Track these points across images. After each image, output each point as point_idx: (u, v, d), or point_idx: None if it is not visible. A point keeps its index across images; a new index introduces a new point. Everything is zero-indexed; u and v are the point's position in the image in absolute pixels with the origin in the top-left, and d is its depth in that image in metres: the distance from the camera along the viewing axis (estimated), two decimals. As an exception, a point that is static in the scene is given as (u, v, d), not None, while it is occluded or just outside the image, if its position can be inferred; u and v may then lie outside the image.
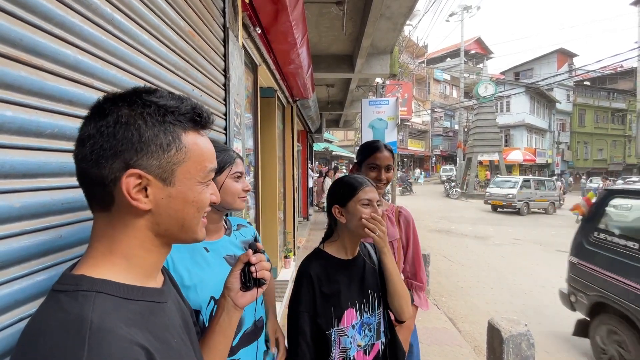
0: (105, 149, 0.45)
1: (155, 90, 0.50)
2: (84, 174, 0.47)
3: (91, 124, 0.46)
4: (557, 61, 28.03)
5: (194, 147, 0.51)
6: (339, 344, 1.07)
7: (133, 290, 0.48)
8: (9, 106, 0.58)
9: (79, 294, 0.44)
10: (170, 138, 0.48)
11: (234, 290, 0.69)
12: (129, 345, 0.42)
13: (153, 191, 0.48)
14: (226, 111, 1.81)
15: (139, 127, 0.46)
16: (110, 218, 0.48)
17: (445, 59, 33.28)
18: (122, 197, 0.47)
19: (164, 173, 0.48)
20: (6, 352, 0.58)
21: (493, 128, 18.97)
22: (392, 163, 1.48)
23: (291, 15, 2.40)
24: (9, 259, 0.58)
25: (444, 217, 11.56)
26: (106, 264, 0.48)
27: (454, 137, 30.21)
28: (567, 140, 29.81)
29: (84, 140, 0.46)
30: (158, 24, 1.10)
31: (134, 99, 0.47)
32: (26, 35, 0.61)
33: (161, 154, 0.47)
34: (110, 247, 0.49)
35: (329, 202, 1.18)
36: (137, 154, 0.46)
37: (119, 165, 0.46)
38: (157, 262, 0.54)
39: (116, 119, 0.46)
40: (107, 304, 0.44)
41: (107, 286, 0.46)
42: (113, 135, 0.45)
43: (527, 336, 2.21)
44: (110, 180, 0.46)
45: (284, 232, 5.01)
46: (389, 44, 5.49)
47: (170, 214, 0.50)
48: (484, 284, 5.06)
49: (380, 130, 7.37)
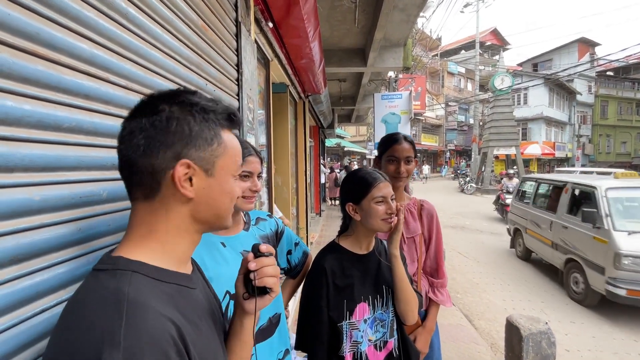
0: (159, 141, 0.50)
1: (195, 92, 0.55)
2: (131, 163, 0.51)
3: (142, 118, 0.50)
4: (578, 51, 26.91)
5: (230, 143, 0.56)
6: (350, 338, 1.08)
7: (165, 273, 0.52)
8: (27, 100, 0.59)
9: (117, 272, 0.48)
10: (213, 133, 0.53)
11: (238, 295, 0.68)
12: (162, 318, 0.45)
13: (197, 181, 0.52)
14: (239, 106, 1.81)
15: (189, 122, 0.51)
16: (152, 206, 0.52)
17: (460, 51, 32.51)
18: (168, 185, 0.51)
19: (207, 164, 0.53)
20: (33, 340, 0.59)
21: (510, 121, 18.43)
22: (413, 155, 1.42)
23: (303, 8, 2.37)
24: (30, 251, 0.59)
25: (458, 213, 11.36)
26: (143, 248, 0.52)
27: (468, 132, 29.57)
28: (588, 133, 28.72)
29: (134, 133, 0.50)
30: (171, 18, 1.10)
31: (181, 98, 0.52)
32: (43, 29, 0.61)
33: (206, 147, 0.53)
34: (149, 232, 0.52)
35: (342, 199, 1.16)
36: (187, 146, 0.51)
37: (170, 155, 0.50)
38: (189, 250, 0.57)
39: (169, 115, 0.51)
40: (141, 282, 0.48)
41: (142, 267, 0.50)
42: (167, 129, 0.50)
43: (548, 334, 2.15)
44: (162, 169, 0.50)
45: (297, 228, 5.02)
46: (402, 37, 5.38)
47: (209, 202, 0.55)
48: (500, 281, 4.95)
49: (393, 124, 7.28)
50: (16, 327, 0.56)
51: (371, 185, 1.08)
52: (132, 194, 0.53)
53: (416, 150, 1.47)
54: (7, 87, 0.55)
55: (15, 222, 0.56)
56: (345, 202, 1.13)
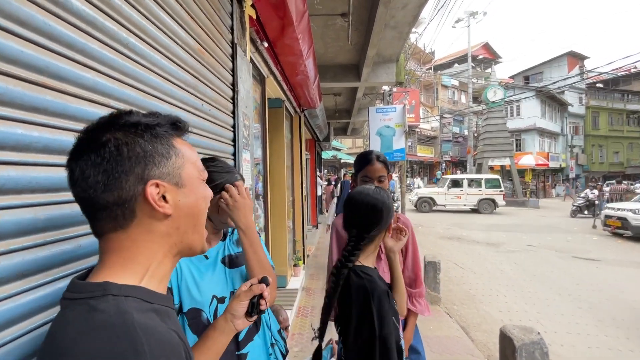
0: (117, 171, 0.48)
1: (130, 112, 0.53)
2: (94, 202, 0.49)
3: (90, 155, 0.48)
4: (568, 64, 27.58)
5: (186, 151, 0.56)
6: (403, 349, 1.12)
7: (155, 296, 0.51)
8: (35, 127, 0.64)
9: (109, 297, 0.45)
10: (167, 146, 0.53)
11: (239, 317, 0.73)
12: (172, 333, 0.47)
13: (171, 196, 0.52)
14: (234, 123, 1.87)
15: (140, 143, 0.50)
16: (127, 233, 0.51)
17: (453, 64, 33.20)
18: (143, 209, 0.50)
19: (174, 178, 0.53)
20: (31, 354, 0.62)
21: (503, 133, 18.73)
22: (386, 173, 1.51)
23: (297, 28, 2.47)
24: (34, 267, 0.63)
25: (455, 224, 11.40)
26: (126, 272, 0.50)
27: (463, 143, 29.90)
28: (581, 143, 29.13)
29: (86, 172, 0.48)
30: (169, 44, 1.17)
31: (120, 122, 0.51)
32: (52, 63, 0.67)
33: (166, 162, 0.52)
34: (131, 257, 0.51)
35: (387, 219, 1.15)
36: (146, 167, 0.50)
37: (133, 181, 0.49)
38: (169, 272, 0.57)
39: (116, 143, 0.49)
40: (139, 305, 0.47)
41: (134, 291, 0.48)
42: (120, 157, 0.48)
43: (541, 345, 2.16)
44: (131, 197, 0.49)
45: (294, 241, 5.03)
46: (395, 53, 5.54)
47: (188, 212, 0.55)
48: (497, 292, 4.96)
49: (388, 137, 7.38)
50: (21, 339, 0.59)
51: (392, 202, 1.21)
52: (100, 228, 0.51)
53: (388, 167, 1.57)
54: (19, 116, 0.60)
55: (22, 240, 0.61)
56: (389, 221, 1.16)
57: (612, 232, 9.14)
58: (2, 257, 0.57)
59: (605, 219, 9.30)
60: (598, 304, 4.50)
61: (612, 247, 7.94)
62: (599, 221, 9.99)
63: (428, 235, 9.29)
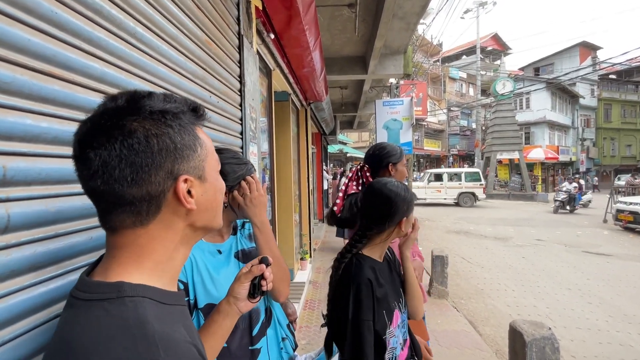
0: (147, 165, 0.45)
1: (150, 94, 0.48)
2: (119, 196, 0.45)
3: (114, 144, 0.43)
4: (580, 55, 26.90)
5: (207, 141, 0.53)
6: (389, 345, 1.09)
7: (169, 295, 0.49)
8: (44, 118, 0.63)
9: (126, 300, 0.43)
10: (193, 137, 0.49)
11: (242, 300, 0.72)
12: (189, 345, 0.44)
13: (195, 191, 0.50)
14: (242, 116, 1.85)
15: (170, 135, 0.46)
16: (146, 229, 0.47)
17: (461, 56, 32.64)
18: (169, 205, 0.48)
19: (199, 171, 0.50)
20: (44, 346, 0.62)
21: (512, 126, 18.43)
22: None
23: (304, 19, 2.43)
24: (46, 260, 0.63)
25: (462, 218, 11.31)
26: (138, 270, 0.47)
27: (471, 136, 29.53)
28: (592, 136, 28.55)
29: (110, 164, 0.43)
30: (177, 34, 1.15)
31: (145, 109, 0.46)
32: (59, 52, 0.66)
33: (193, 154, 0.49)
34: (145, 254, 0.48)
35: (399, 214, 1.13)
36: (176, 160, 0.47)
37: (163, 176, 0.46)
38: (182, 264, 0.55)
39: (146, 133, 0.45)
40: (154, 309, 0.44)
41: (148, 291, 0.46)
42: (150, 150, 0.45)
43: (552, 340, 2.14)
44: (160, 192, 0.46)
45: (300, 234, 5.04)
46: (402, 44, 5.45)
47: (207, 207, 0.52)
48: (505, 287, 4.92)
49: (395, 131, 7.31)
50: (33, 331, 0.59)
51: (413, 199, 1.18)
52: (118, 223, 0.47)
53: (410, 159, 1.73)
54: (27, 106, 0.59)
55: (33, 232, 0.60)
56: (404, 216, 1.13)
57: (623, 227, 8.97)
58: (14, 250, 0.57)
59: (617, 213, 9.13)
60: (609, 299, 4.44)
61: (624, 242, 7.80)
62: (610, 215, 9.82)
63: (435, 229, 9.24)
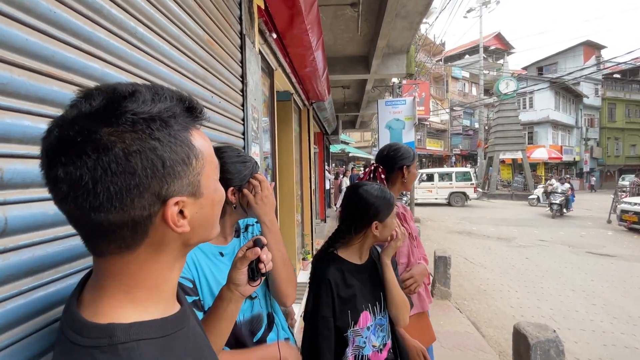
0: (127, 189, 0.37)
1: (133, 93, 0.39)
2: (98, 224, 0.38)
3: (87, 160, 0.35)
4: (584, 54, 26.71)
5: (204, 147, 0.44)
6: (353, 342, 1.13)
7: (169, 322, 0.44)
8: (43, 119, 0.62)
9: (118, 347, 0.38)
10: (187, 148, 0.41)
11: (242, 285, 0.71)
12: None
13: (188, 210, 0.43)
14: (244, 116, 1.84)
15: (156, 150, 0.38)
16: (134, 255, 0.42)
17: (464, 56, 32.50)
18: (157, 229, 0.41)
19: (193, 188, 0.43)
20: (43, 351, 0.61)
21: (515, 125, 18.33)
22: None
23: (306, 19, 2.41)
24: (44, 263, 0.62)
25: (464, 218, 11.26)
26: (132, 302, 0.42)
27: (474, 136, 29.41)
28: (596, 136, 28.35)
29: (83, 186, 0.36)
30: (178, 34, 1.14)
31: (125, 115, 0.37)
32: (58, 52, 0.65)
33: (186, 170, 0.41)
34: (134, 285, 0.43)
35: (368, 217, 1.15)
36: (165, 181, 0.39)
37: (149, 199, 0.39)
38: (176, 281, 0.50)
39: (126, 150, 0.36)
40: (152, 351, 0.40)
41: (144, 330, 0.40)
42: (131, 170, 0.37)
43: (556, 342, 2.11)
44: (145, 217, 0.40)
45: (302, 234, 5.03)
46: (405, 44, 5.42)
47: (202, 223, 0.46)
48: (508, 287, 4.89)
49: (397, 130, 7.29)
50: (32, 336, 0.58)
51: (394, 203, 1.18)
52: (101, 249, 0.42)
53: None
54: (25, 108, 0.58)
55: (32, 236, 0.59)
56: (373, 220, 1.14)
57: (628, 228, 8.89)
58: (12, 253, 0.56)
59: (622, 213, 9.06)
60: (613, 300, 4.40)
61: (628, 243, 7.73)
62: (614, 216, 9.73)
63: (437, 229, 9.21)
